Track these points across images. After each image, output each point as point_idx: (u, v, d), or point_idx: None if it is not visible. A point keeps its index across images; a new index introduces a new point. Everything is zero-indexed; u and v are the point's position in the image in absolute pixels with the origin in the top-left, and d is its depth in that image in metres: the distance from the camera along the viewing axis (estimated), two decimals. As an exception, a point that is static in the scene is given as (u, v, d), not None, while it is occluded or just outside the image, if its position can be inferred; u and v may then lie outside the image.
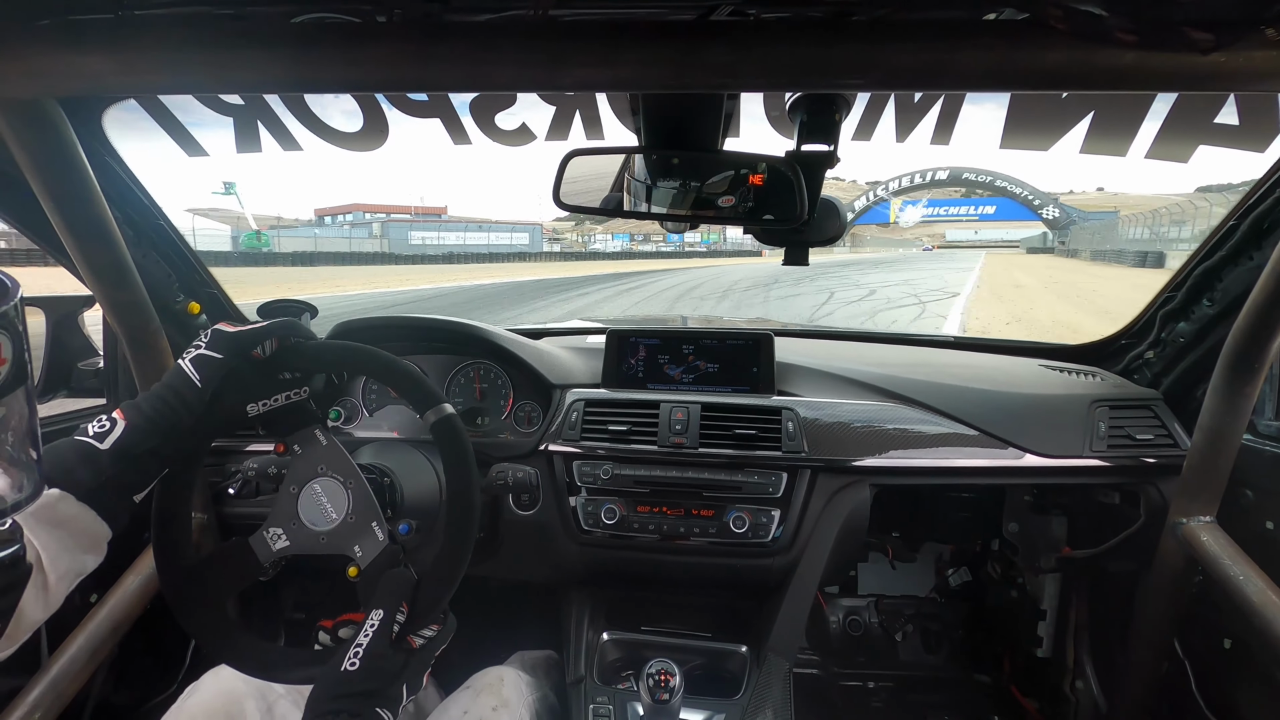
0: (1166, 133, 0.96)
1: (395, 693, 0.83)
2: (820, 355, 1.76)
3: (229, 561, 0.95)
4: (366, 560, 0.93)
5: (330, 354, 0.97)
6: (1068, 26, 0.61)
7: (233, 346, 0.88)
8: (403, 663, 0.85)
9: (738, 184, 0.99)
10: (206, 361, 0.86)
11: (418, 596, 0.89)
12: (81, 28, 0.70)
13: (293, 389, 0.93)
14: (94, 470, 0.76)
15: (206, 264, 1.62)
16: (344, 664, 0.81)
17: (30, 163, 1.01)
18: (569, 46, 0.67)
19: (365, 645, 0.82)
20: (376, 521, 0.94)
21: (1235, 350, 1.21)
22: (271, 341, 0.92)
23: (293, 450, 0.97)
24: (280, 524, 0.95)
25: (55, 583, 0.75)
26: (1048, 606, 1.86)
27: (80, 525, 0.76)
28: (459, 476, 0.93)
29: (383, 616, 0.85)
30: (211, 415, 0.86)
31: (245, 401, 0.89)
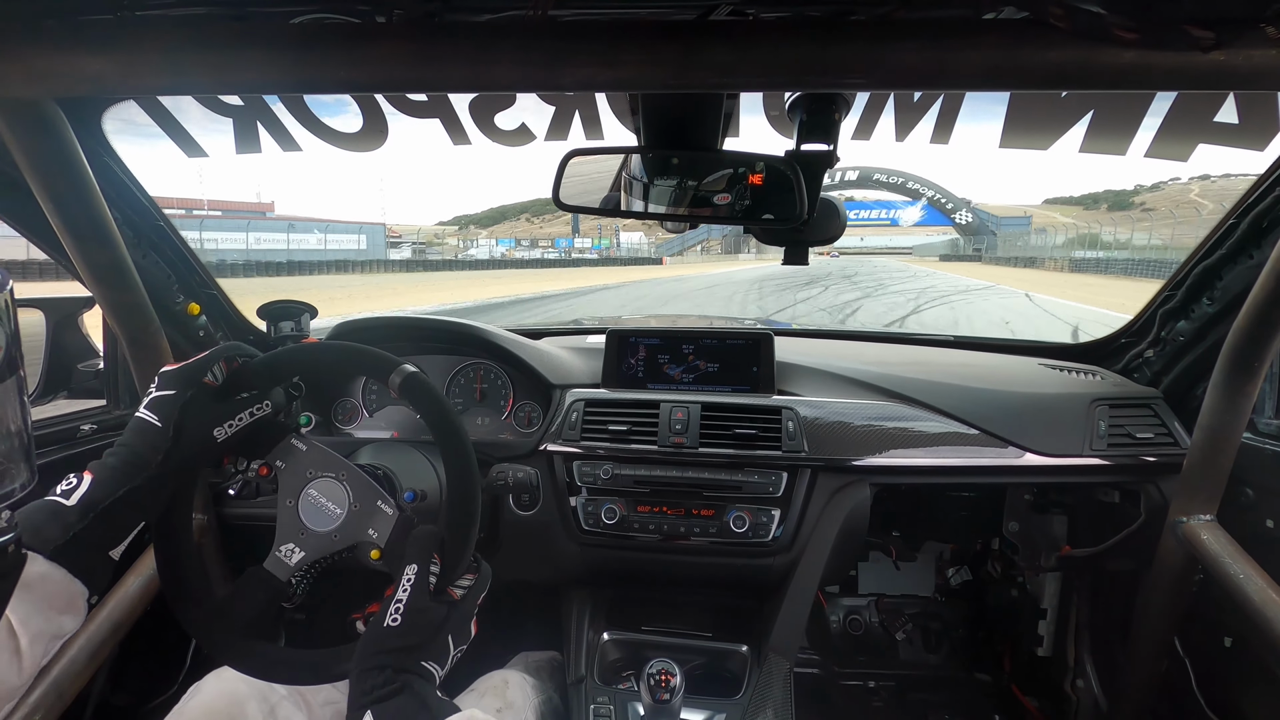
0: (1166, 131, 0.96)
1: (440, 645, 0.83)
2: (820, 355, 1.76)
3: (251, 591, 0.94)
4: (384, 537, 0.93)
5: (279, 362, 0.96)
6: (1068, 25, 0.61)
7: (181, 380, 0.88)
8: (444, 614, 0.84)
9: (737, 183, 0.99)
10: (160, 401, 0.86)
11: (445, 549, 0.89)
12: (82, 29, 0.70)
13: (254, 405, 0.92)
14: (61, 526, 0.75)
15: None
16: (385, 620, 0.81)
17: (30, 164, 1.01)
18: (569, 46, 0.67)
19: (405, 600, 0.82)
20: (381, 500, 0.94)
21: (1235, 349, 1.21)
22: (219, 366, 0.91)
23: (276, 467, 0.96)
24: (289, 539, 0.94)
25: (29, 645, 0.73)
26: (1048, 605, 1.86)
27: (52, 585, 0.74)
28: (443, 426, 0.92)
29: (417, 570, 0.84)
30: (180, 450, 0.85)
31: (210, 428, 0.88)
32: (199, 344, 1.61)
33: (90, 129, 1.23)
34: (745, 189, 0.99)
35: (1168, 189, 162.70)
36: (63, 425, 1.43)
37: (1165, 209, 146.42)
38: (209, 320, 1.63)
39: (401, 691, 0.76)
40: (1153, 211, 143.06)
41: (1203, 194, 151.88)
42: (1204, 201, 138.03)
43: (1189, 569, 1.37)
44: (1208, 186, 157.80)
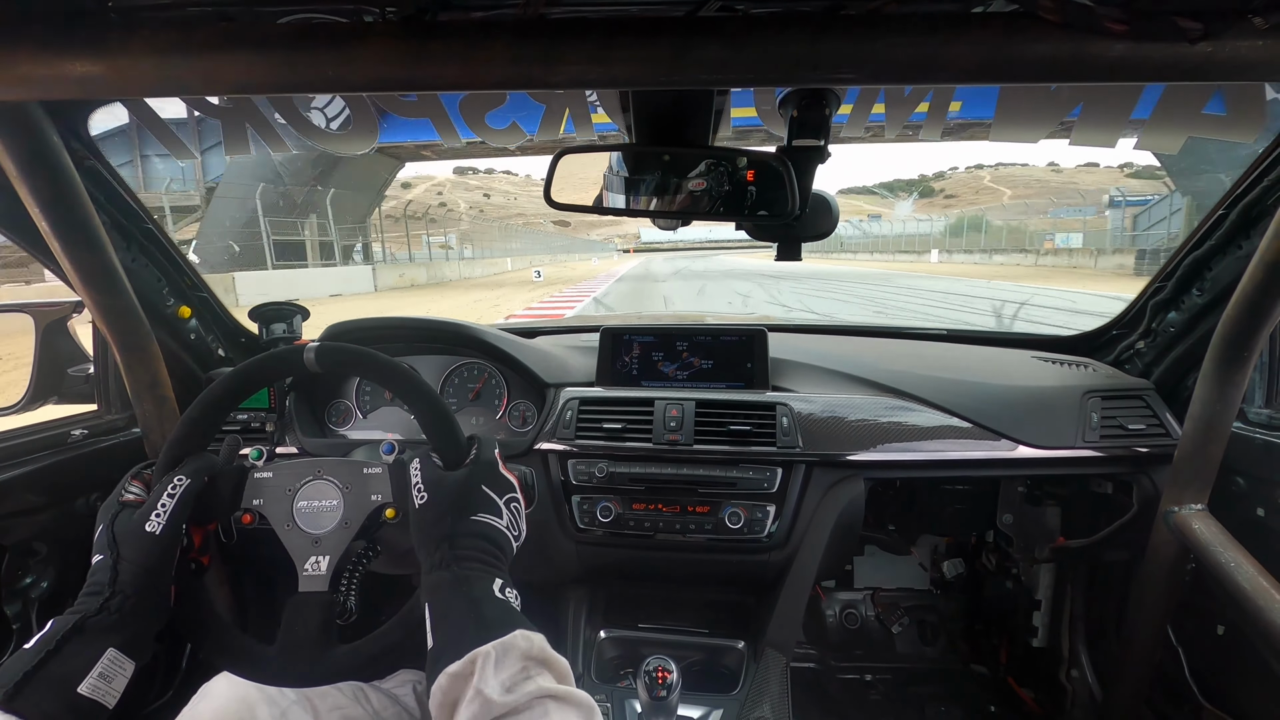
0: (1155, 123, 0.96)
1: (479, 497, 0.85)
2: (814, 350, 1.76)
3: (303, 619, 0.89)
4: (389, 494, 0.94)
5: (179, 437, 0.92)
6: (1058, 17, 0.61)
7: (103, 514, 0.86)
8: (465, 474, 0.86)
9: (729, 180, 0.99)
10: (97, 540, 0.84)
11: (429, 435, 0.91)
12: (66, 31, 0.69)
13: (166, 487, 0.86)
14: (16, 668, 0.71)
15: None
16: (415, 504, 0.84)
17: (15, 167, 1.00)
18: (560, 44, 0.67)
19: (419, 480, 0.85)
20: (365, 467, 0.94)
21: (1225, 339, 1.22)
22: (130, 482, 0.90)
23: (254, 508, 0.94)
24: (308, 554, 0.92)
25: None
26: (1043, 597, 1.87)
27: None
28: (375, 364, 0.94)
29: (419, 461, 0.87)
30: (125, 561, 0.81)
31: (140, 527, 0.84)
32: (190, 347, 1.60)
33: (76, 131, 1.22)
34: (737, 185, 0.99)
35: (957, 177, 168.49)
36: (54, 430, 1.42)
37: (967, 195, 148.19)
38: (200, 324, 1.62)
39: (455, 585, 0.79)
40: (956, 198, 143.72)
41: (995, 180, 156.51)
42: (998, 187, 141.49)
43: (1181, 558, 1.38)
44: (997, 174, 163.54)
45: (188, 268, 1.56)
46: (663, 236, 71.82)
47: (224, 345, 1.71)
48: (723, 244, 78.61)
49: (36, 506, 1.33)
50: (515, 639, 0.73)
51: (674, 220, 1.09)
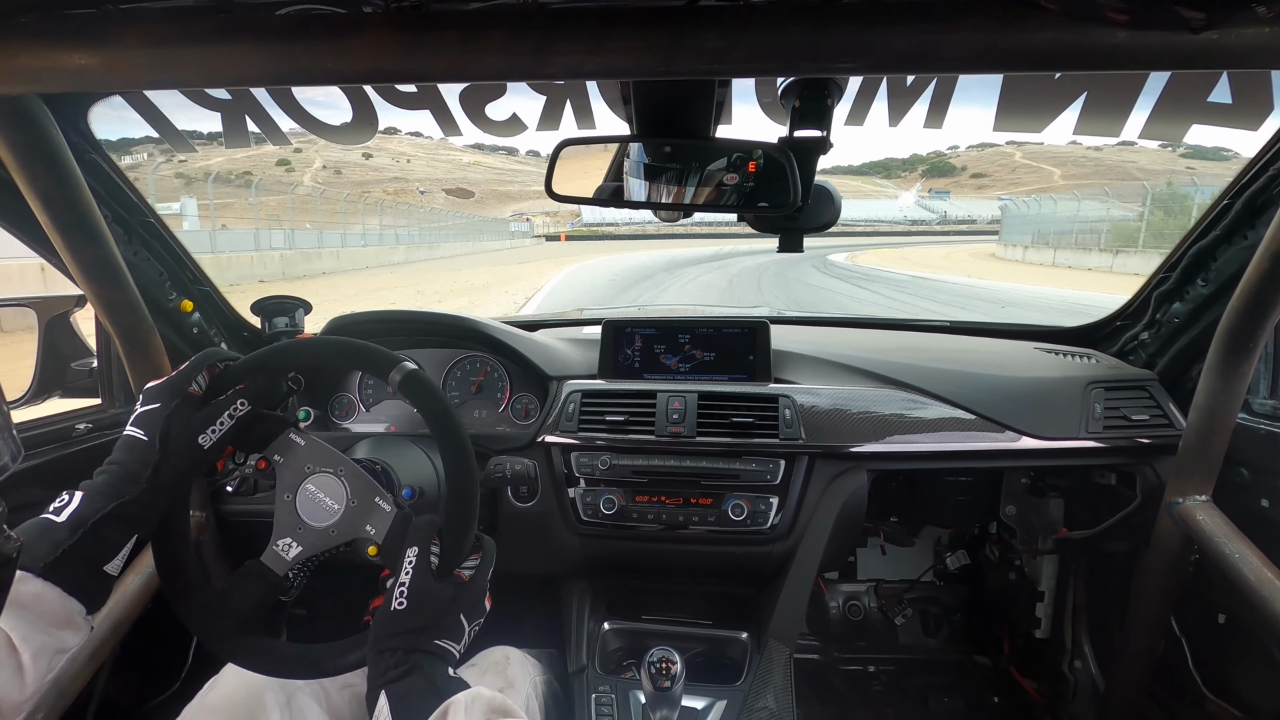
0: (1160, 112, 0.95)
1: (452, 622, 0.83)
2: (816, 342, 1.76)
3: (248, 586, 0.95)
4: (382, 534, 0.93)
5: (264, 361, 0.96)
6: (1059, 6, 0.60)
7: (166, 393, 0.88)
8: (452, 594, 0.85)
9: (731, 171, 0.99)
10: (145, 416, 0.86)
11: (444, 533, 0.89)
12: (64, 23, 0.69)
13: (231, 405, 0.92)
14: (50, 543, 0.75)
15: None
16: (392, 604, 0.81)
17: (15, 161, 1.00)
18: (558, 34, 0.67)
19: (408, 582, 0.83)
20: (379, 496, 0.94)
21: (1230, 330, 1.21)
22: (202, 375, 0.92)
23: (274, 461, 0.97)
24: (287, 533, 0.95)
25: (30, 661, 0.73)
26: (1046, 588, 1.88)
27: (46, 604, 0.74)
28: (443, 423, 0.93)
29: (418, 552, 0.85)
30: (168, 461, 0.86)
31: (195, 436, 0.88)
32: (193, 341, 1.60)
33: (76, 125, 1.22)
34: (738, 176, 0.99)
35: (981, 155, 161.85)
36: (58, 425, 1.43)
37: (1001, 175, 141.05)
38: (202, 317, 1.63)
39: (412, 672, 0.77)
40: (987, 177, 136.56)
41: (1031, 158, 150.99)
42: (1043, 166, 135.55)
43: (1185, 549, 1.38)
44: (1029, 151, 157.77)
45: (190, 261, 1.56)
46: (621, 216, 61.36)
47: (226, 339, 1.71)
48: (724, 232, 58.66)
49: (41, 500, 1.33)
50: (481, 692, 0.75)
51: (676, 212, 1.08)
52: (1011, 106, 1.02)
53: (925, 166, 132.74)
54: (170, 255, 1.51)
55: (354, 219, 33.05)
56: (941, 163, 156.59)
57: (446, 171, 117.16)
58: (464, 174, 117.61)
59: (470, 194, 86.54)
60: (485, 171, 26.75)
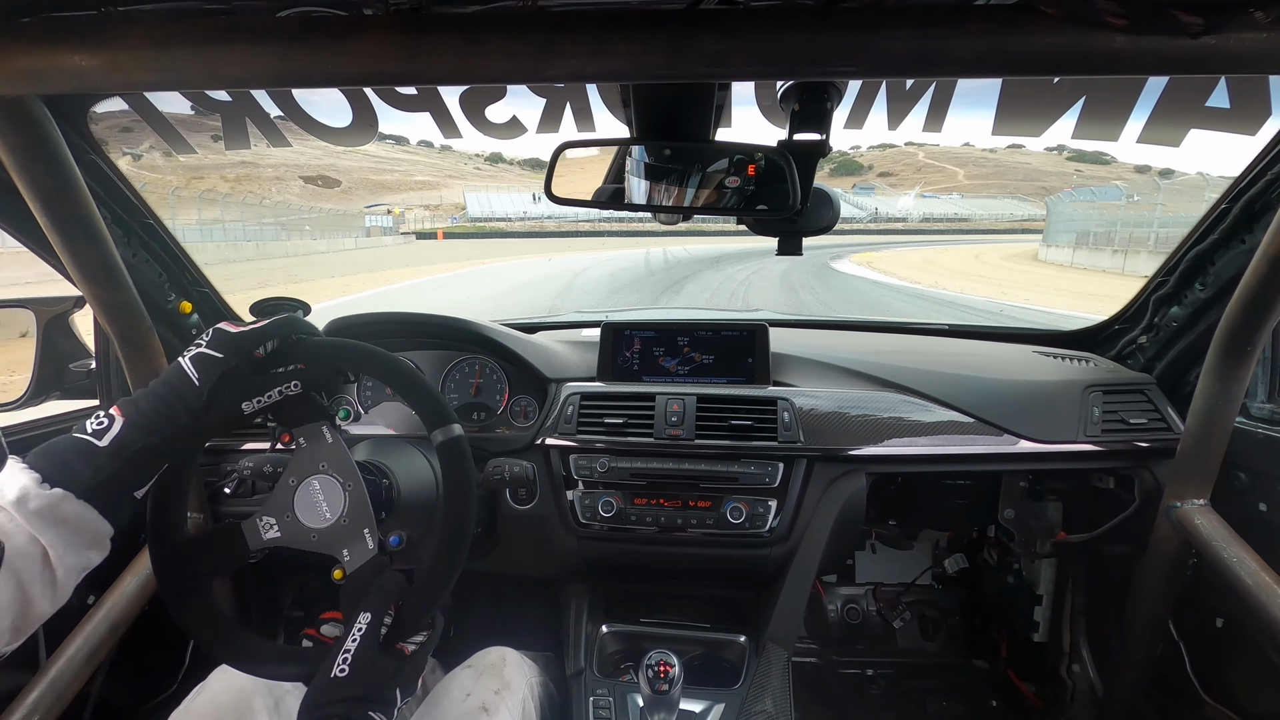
0: (1158, 117, 0.96)
1: (389, 696, 0.83)
2: (815, 345, 1.76)
3: (219, 543, 0.94)
4: (353, 566, 0.92)
5: (330, 352, 0.95)
6: (1058, 10, 0.61)
7: (234, 346, 0.87)
8: (394, 669, 0.84)
9: (730, 174, 0.99)
10: (206, 361, 0.85)
11: (405, 604, 0.88)
12: (65, 25, 0.69)
13: (285, 383, 0.91)
14: (94, 468, 0.76)
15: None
16: (333, 670, 0.80)
17: (15, 162, 1.00)
18: (559, 37, 0.67)
19: (353, 650, 0.82)
20: (369, 529, 0.93)
21: (1228, 334, 1.21)
22: (273, 341, 0.91)
23: (298, 442, 0.96)
24: (274, 514, 0.94)
25: (63, 578, 0.76)
26: (1044, 591, 1.88)
27: (83, 524, 0.76)
28: (458, 501, 0.93)
29: (370, 620, 0.84)
30: (209, 416, 0.85)
31: (240, 400, 0.88)
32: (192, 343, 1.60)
33: (77, 126, 1.22)
34: (738, 179, 0.99)
35: (887, 153, 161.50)
36: (56, 426, 1.43)
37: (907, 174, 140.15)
38: (201, 319, 1.63)
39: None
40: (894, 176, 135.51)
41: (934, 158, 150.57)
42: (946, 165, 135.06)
43: (1183, 553, 1.38)
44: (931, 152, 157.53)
45: (189, 263, 1.56)
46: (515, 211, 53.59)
47: None
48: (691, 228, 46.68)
49: None
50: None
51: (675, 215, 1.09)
52: (1010, 110, 1.03)
53: (833, 165, 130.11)
54: (169, 256, 1.51)
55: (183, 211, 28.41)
56: (848, 162, 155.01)
57: (314, 158, 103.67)
58: (333, 161, 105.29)
59: (336, 183, 77.19)
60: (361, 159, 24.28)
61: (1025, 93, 1.01)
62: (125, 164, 1.23)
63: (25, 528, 0.72)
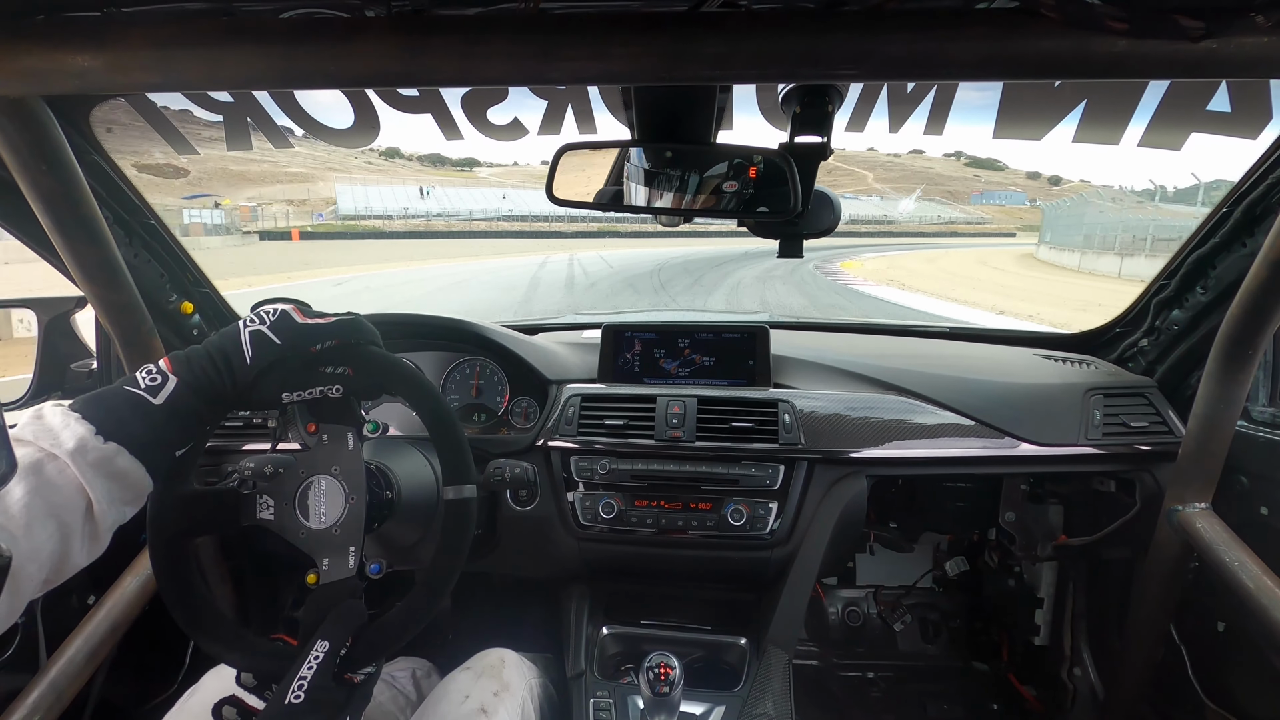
0: (1159, 121, 0.96)
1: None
2: (816, 347, 1.76)
3: (216, 501, 0.95)
4: (327, 579, 0.92)
5: (382, 367, 0.94)
6: (1059, 14, 0.61)
7: (295, 337, 0.87)
8: (345, 698, 0.85)
9: (731, 176, 0.99)
10: (264, 342, 0.85)
11: (365, 636, 0.88)
12: (68, 26, 0.69)
13: (330, 384, 0.91)
14: (148, 425, 0.77)
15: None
16: (288, 696, 0.80)
17: (18, 162, 1.01)
18: (560, 39, 0.67)
19: (310, 679, 0.81)
20: (354, 547, 0.93)
21: (1229, 337, 1.21)
22: (333, 340, 0.90)
23: (320, 438, 0.96)
24: (275, 497, 0.94)
25: (104, 531, 0.76)
26: (1045, 595, 1.87)
27: (131, 479, 0.76)
28: (447, 557, 0.93)
29: (328, 649, 0.83)
30: (250, 396, 0.85)
31: (281, 390, 0.88)
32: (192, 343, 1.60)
33: (79, 126, 1.22)
34: (739, 182, 0.99)
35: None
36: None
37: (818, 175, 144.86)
38: (203, 319, 1.63)
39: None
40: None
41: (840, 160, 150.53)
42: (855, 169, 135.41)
43: (1184, 557, 1.38)
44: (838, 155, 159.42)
45: (190, 263, 1.57)
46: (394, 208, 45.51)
47: None
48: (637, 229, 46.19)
49: None
50: None
51: (676, 217, 1.09)
52: (1011, 114, 1.03)
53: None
54: (171, 257, 1.51)
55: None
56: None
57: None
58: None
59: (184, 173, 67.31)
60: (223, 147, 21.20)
61: (1026, 96, 1.01)
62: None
63: (76, 479, 0.71)
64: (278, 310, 0.88)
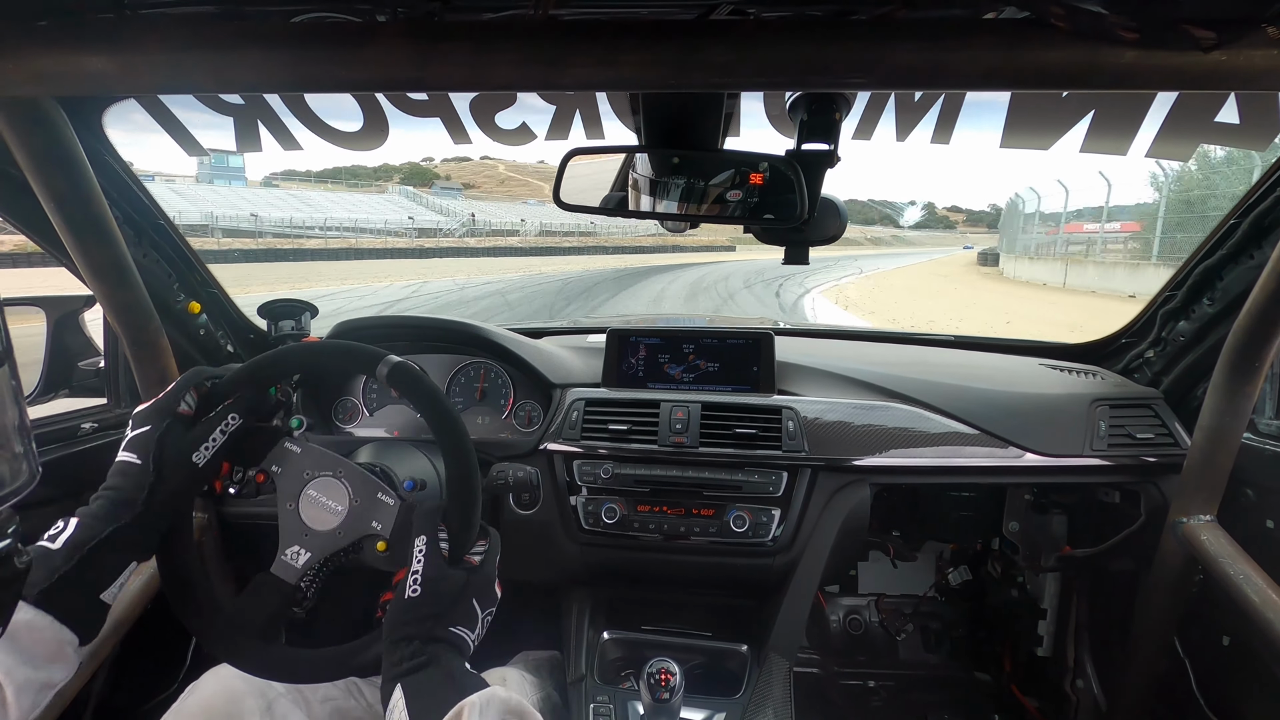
0: (1167, 131, 0.96)
1: (465, 609, 0.83)
2: (820, 354, 1.76)
3: (262, 598, 0.95)
4: (389, 528, 0.93)
5: (247, 375, 0.96)
6: (1069, 25, 0.61)
7: (155, 415, 0.89)
8: (464, 580, 0.85)
9: (738, 183, 0.99)
10: (138, 440, 0.87)
11: (449, 519, 0.89)
12: (81, 27, 0.70)
13: (222, 422, 0.93)
14: (47, 570, 0.74)
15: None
16: (406, 593, 0.81)
17: (31, 162, 1.01)
18: (569, 46, 0.67)
19: (421, 570, 0.83)
20: (381, 492, 0.94)
21: (1236, 349, 1.21)
22: (190, 394, 0.93)
23: (272, 473, 0.97)
24: (294, 541, 0.95)
25: (15, 696, 0.70)
26: (1048, 605, 1.86)
27: (38, 633, 0.73)
28: (436, 410, 0.92)
29: (427, 540, 0.85)
30: (164, 483, 0.87)
31: (189, 455, 0.89)
32: (200, 343, 1.61)
33: (91, 127, 1.23)
34: (746, 189, 0.99)
35: (466, 165, 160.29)
36: (64, 424, 1.43)
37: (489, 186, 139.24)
38: (209, 319, 1.63)
39: (429, 664, 0.77)
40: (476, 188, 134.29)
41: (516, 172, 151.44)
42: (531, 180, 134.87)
43: (1189, 569, 1.37)
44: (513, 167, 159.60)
45: (198, 263, 1.57)
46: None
47: (232, 341, 1.72)
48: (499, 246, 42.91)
49: (46, 499, 1.34)
50: (496, 692, 0.74)
51: (682, 223, 1.09)
52: (1019, 123, 1.03)
53: (400, 175, 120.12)
54: (179, 257, 1.52)
55: None
56: (419, 170, 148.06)
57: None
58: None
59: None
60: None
61: (1034, 105, 1.01)
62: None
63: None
64: (131, 416, 0.90)
